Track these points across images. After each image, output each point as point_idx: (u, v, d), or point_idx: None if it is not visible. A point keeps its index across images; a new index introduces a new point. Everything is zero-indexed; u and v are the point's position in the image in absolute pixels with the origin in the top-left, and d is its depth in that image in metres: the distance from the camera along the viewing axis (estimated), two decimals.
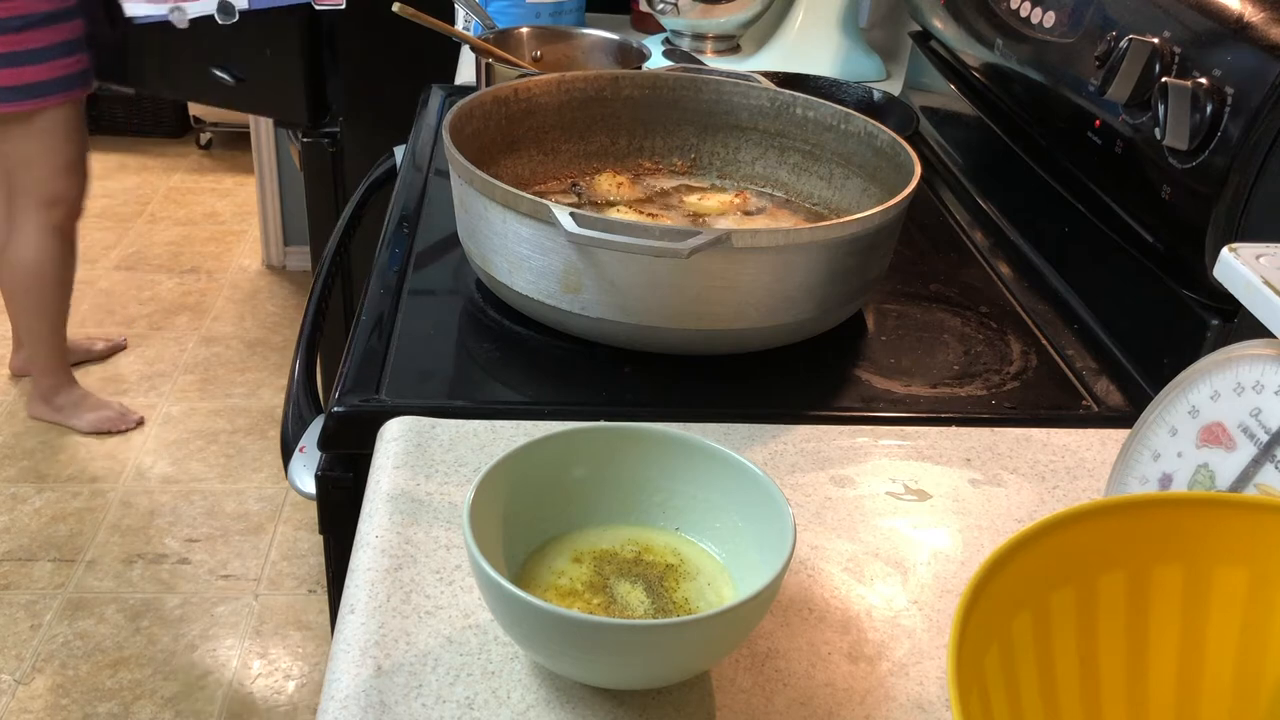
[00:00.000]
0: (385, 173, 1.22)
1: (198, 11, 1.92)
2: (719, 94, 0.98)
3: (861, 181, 0.92)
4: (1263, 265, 0.51)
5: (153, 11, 1.95)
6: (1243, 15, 0.69)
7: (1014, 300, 0.91)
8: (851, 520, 0.65)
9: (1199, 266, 0.72)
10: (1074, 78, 0.87)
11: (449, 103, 1.27)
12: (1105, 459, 0.71)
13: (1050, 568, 0.40)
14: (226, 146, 3.75)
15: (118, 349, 2.66)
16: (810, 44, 1.52)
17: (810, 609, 0.58)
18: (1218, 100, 0.69)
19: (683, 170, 1.00)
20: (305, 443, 0.81)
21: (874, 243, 0.78)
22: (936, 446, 0.72)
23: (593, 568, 0.56)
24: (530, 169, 0.96)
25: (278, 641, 1.91)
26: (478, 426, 0.69)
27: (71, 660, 1.83)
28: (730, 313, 0.74)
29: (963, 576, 0.61)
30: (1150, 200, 0.77)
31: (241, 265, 3.12)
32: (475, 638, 0.54)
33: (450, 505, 0.63)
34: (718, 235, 0.69)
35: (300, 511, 2.20)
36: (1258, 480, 0.50)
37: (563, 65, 1.25)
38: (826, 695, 0.53)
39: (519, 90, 0.93)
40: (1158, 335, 0.78)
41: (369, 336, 0.78)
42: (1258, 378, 0.50)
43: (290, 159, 2.88)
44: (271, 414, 2.49)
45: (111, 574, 2.02)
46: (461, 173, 0.77)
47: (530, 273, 0.75)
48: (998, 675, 0.38)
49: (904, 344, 0.83)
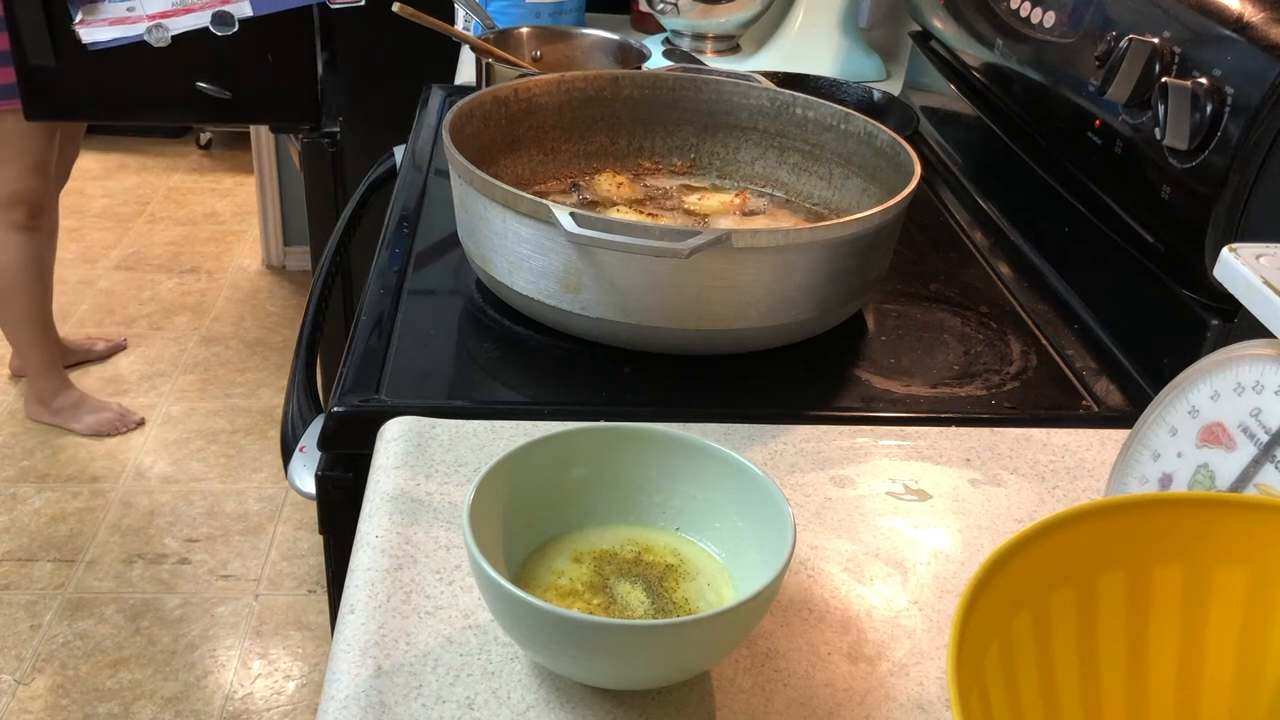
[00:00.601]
0: (385, 173, 1.22)
1: (185, 27, 1.73)
2: (719, 94, 0.98)
3: (861, 181, 0.92)
4: (1263, 265, 0.51)
5: (123, 34, 1.73)
6: (1243, 15, 0.69)
7: (1014, 300, 0.91)
8: (851, 520, 0.65)
9: (1199, 266, 0.72)
10: (1074, 78, 0.87)
11: (449, 103, 1.27)
12: (1105, 459, 0.71)
13: (1050, 568, 0.40)
14: (226, 146, 3.75)
15: (118, 349, 2.66)
16: (810, 44, 1.52)
17: (810, 609, 0.58)
18: (1218, 100, 0.69)
19: (683, 170, 1.00)
20: (305, 443, 0.81)
21: (874, 243, 0.78)
22: (936, 446, 0.72)
23: (593, 568, 0.56)
24: (530, 169, 0.96)
25: (278, 641, 1.91)
26: (478, 426, 0.69)
27: (71, 660, 1.83)
28: (730, 313, 0.74)
29: (963, 576, 0.61)
30: (1150, 200, 0.77)
31: (241, 265, 3.12)
32: (475, 638, 0.54)
33: (450, 505, 0.63)
34: (718, 235, 0.69)
35: (300, 511, 2.20)
36: (1258, 480, 0.50)
37: (563, 65, 1.25)
38: (826, 695, 0.53)
39: (519, 90, 0.93)
40: (1158, 335, 0.78)
41: (369, 336, 0.78)
42: (1258, 378, 0.50)
43: (290, 159, 2.89)
44: (271, 414, 2.49)
45: (111, 574, 2.02)
46: (461, 173, 0.77)
47: (530, 273, 0.75)
48: (998, 675, 0.38)
49: (904, 344, 0.83)
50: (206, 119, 2.14)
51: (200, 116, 2.14)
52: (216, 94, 1.86)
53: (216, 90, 1.85)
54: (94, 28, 1.69)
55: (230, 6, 1.71)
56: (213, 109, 1.90)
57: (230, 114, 2.00)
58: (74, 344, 2.56)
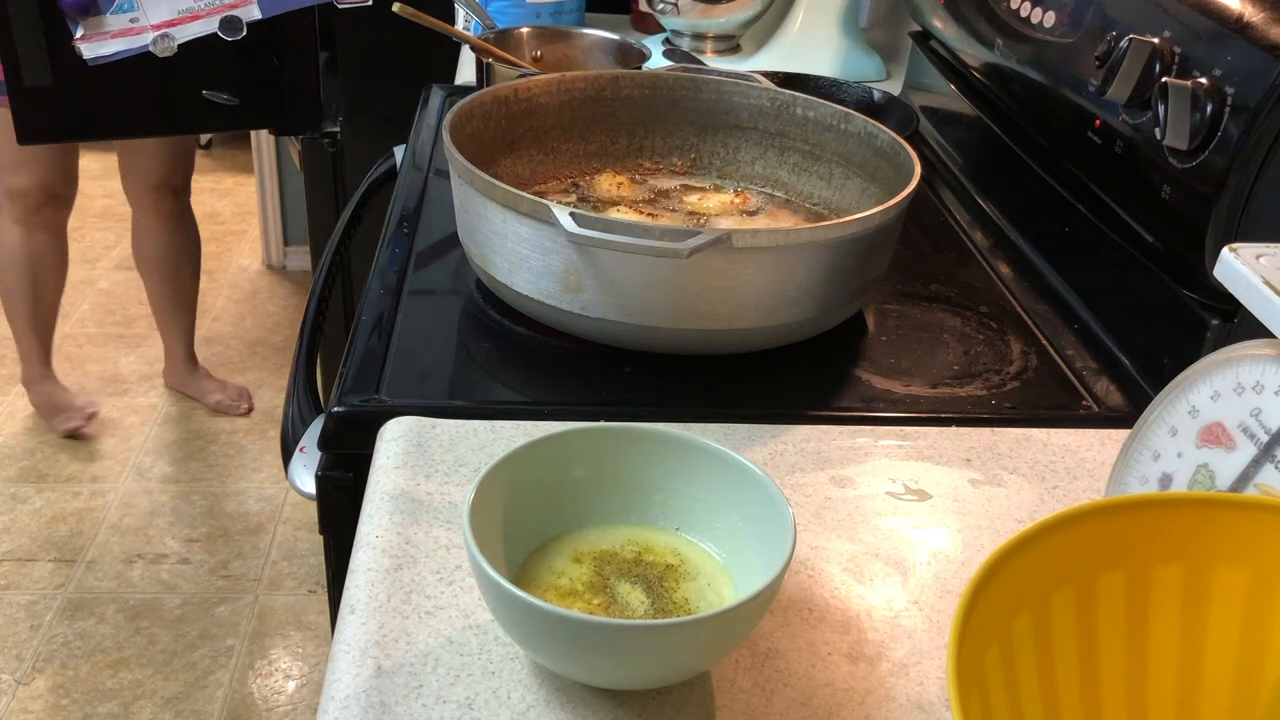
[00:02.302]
0: (385, 173, 1.22)
1: (191, 35, 1.69)
2: (719, 94, 0.98)
3: (861, 181, 0.92)
4: (1263, 265, 0.51)
5: (127, 47, 1.66)
6: (1243, 15, 0.69)
7: (1014, 300, 0.91)
8: (851, 520, 0.65)
9: (1199, 266, 0.72)
10: (1074, 78, 0.87)
11: (449, 103, 1.27)
12: (1105, 459, 0.71)
13: (1050, 568, 0.40)
14: (226, 146, 3.75)
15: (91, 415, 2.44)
16: (810, 44, 1.52)
17: (810, 609, 0.58)
18: (1218, 100, 0.69)
19: (683, 170, 1.00)
20: (305, 443, 0.81)
21: (874, 243, 0.78)
22: (936, 446, 0.72)
23: (593, 568, 0.56)
24: (530, 169, 0.96)
25: (278, 641, 1.91)
26: (478, 426, 0.69)
27: (71, 660, 1.83)
28: (730, 313, 0.74)
29: (963, 576, 0.61)
30: (1150, 200, 0.77)
31: (241, 265, 3.12)
32: (475, 638, 0.54)
33: (450, 505, 0.63)
34: (718, 235, 0.69)
35: (300, 511, 2.20)
36: (1258, 480, 0.50)
37: (563, 65, 1.25)
38: (826, 695, 0.53)
39: (519, 90, 0.93)
40: (1158, 335, 0.78)
41: (369, 336, 0.78)
42: (1258, 378, 0.50)
43: (290, 159, 2.88)
44: (271, 414, 2.49)
45: (111, 574, 2.02)
46: (461, 173, 0.77)
47: (530, 273, 0.75)
48: (998, 675, 0.38)
49: (904, 344, 0.83)
50: (214, 128, 2.11)
51: (208, 126, 2.13)
52: (226, 101, 1.82)
53: (226, 98, 1.82)
54: (96, 42, 1.64)
55: (238, 10, 1.70)
56: (220, 117, 1.86)
57: (239, 121, 1.96)
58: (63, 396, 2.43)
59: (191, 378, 2.50)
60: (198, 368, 2.51)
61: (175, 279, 2.37)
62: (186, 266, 2.38)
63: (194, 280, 2.42)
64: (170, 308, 2.40)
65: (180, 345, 2.46)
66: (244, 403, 2.50)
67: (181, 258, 2.36)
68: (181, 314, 2.42)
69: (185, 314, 2.43)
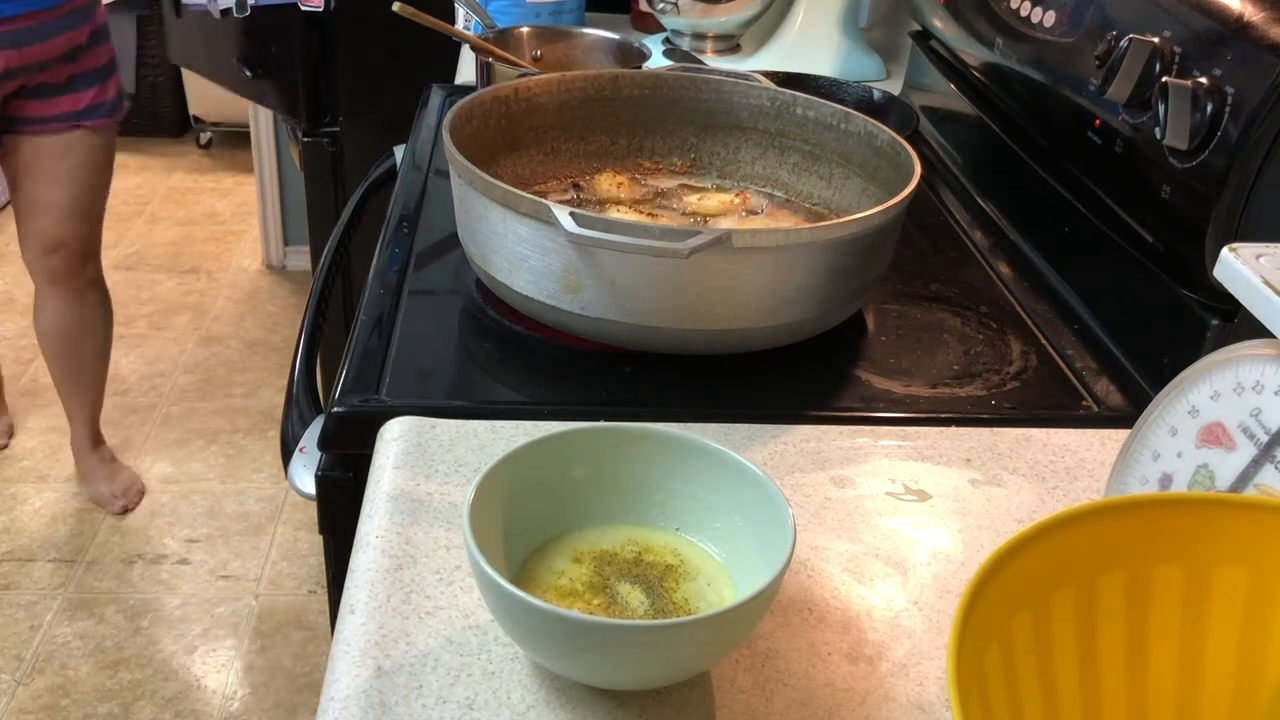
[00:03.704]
0: (385, 173, 1.22)
1: (226, 2, 1.98)
2: (719, 94, 0.98)
3: (861, 181, 0.92)
4: (1263, 265, 0.51)
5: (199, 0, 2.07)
6: (1243, 15, 0.69)
7: (1014, 300, 0.91)
8: (851, 520, 0.65)
9: (1199, 266, 0.72)
10: (1074, 78, 0.87)
11: (449, 103, 1.27)
12: (1105, 459, 0.71)
13: (1050, 568, 0.40)
14: (226, 146, 3.75)
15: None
16: (810, 44, 1.52)
17: (810, 609, 0.58)
18: (1218, 100, 0.69)
19: (683, 170, 1.00)
20: (305, 443, 0.81)
21: (874, 243, 0.77)
22: (936, 446, 0.72)
23: (593, 568, 0.56)
24: (530, 169, 0.96)
25: (278, 641, 1.90)
26: (478, 426, 0.69)
27: (71, 660, 1.83)
28: (730, 313, 0.74)
29: (963, 576, 0.61)
30: (1150, 200, 0.77)
31: (241, 265, 3.12)
32: (475, 638, 0.54)
33: (450, 505, 0.63)
34: (718, 235, 0.69)
35: (300, 511, 2.20)
36: (1258, 480, 0.50)
37: (563, 65, 1.25)
38: (826, 695, 0.53)
39: (519, 90, 0.93)
40: (1158, 335, 0.78)
41: (369, 336, 0.78)
42: (1258, 378, 0.50)
43: (290, 159, 2.88)
44: (271, 414, 2.49)
45: (111, 574, 2.02)
46: (461, 173, 0.77)
47: (530, 273, 0.75)
48: (998, 675, 0.38)
49: (904, 344, 0.83)
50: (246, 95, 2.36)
51: (243, 91, 2.31)
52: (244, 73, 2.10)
53: (245, 69, 2.09)
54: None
55: None
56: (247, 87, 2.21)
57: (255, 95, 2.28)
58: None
59: (84, 459, 2.19)
60: (95, 449, 2.19)
61: (71, 357, 2.07)
62: (89, 345, 2.07)
63: (99, 360, 2.11)
64: (66, 387, 2.11)
65: (82, 426, 2.16)
66: (131, 500, 2.20)
67: (83, 336, 2.05)
68: (80, 393, 2.12)
69: (85, 393, 2.12)
